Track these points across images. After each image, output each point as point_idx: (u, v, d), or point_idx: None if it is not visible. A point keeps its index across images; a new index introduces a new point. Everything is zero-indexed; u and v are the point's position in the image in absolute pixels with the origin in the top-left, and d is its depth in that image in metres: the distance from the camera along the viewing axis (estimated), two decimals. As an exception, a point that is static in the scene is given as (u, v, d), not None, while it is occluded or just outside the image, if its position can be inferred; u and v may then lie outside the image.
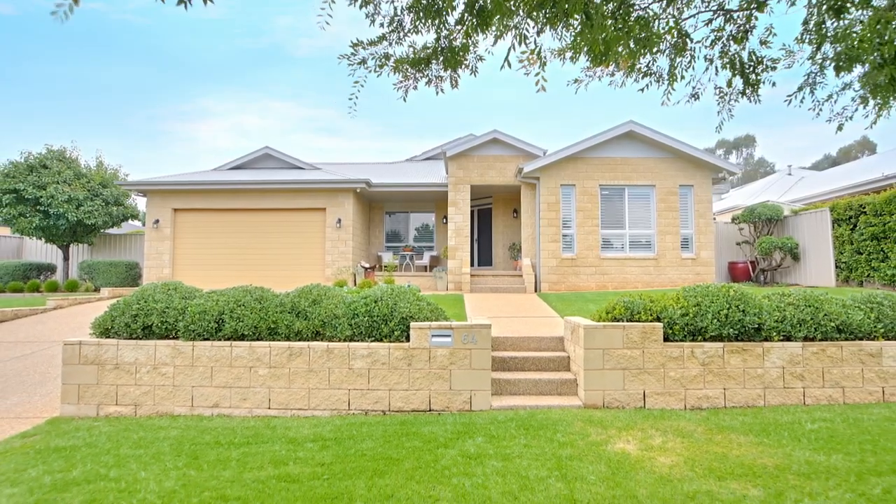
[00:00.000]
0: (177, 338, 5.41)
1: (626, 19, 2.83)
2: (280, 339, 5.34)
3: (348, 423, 4.78)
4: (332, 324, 5.34)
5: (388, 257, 15.84)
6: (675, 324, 5.23)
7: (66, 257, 16.42)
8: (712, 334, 5.19)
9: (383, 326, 5.26)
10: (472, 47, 3.17)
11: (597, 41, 2.79)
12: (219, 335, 5.31)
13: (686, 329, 5.22)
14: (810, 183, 19.80)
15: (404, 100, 3.45)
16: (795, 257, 12.99)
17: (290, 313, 5.41)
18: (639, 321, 5.31)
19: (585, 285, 12.69)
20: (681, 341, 5.24)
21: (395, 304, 5.38)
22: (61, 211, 14.62)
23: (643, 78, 3.73)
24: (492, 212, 16.48)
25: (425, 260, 16.25)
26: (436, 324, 5.23)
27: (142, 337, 5.42)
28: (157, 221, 14.63)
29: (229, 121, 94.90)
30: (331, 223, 14.48)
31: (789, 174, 23.39)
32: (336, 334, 5.31)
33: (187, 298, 5.65)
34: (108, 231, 18.27)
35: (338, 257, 14.37)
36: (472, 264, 16.47)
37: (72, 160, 15.98)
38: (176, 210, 14.83)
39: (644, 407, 5.12)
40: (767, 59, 3.49)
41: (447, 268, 13.89)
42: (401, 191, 15.40)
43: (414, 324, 5.22)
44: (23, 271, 15.32)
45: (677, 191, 12.98)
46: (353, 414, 5.12)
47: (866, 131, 49.39)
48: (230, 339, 5.32)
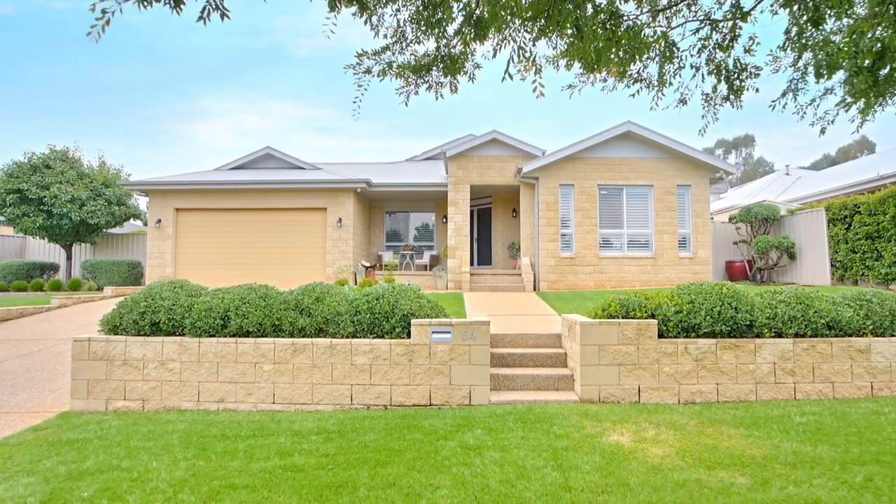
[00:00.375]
0: (183, 334, 5.54)
1: (615, 30, 2.98)
2: (284, 336, 5.47)
3: (351, 416, 4.92)
4: (335, 321, 5.47)
5: (389, 256, 15.98)
6: (669, 321, 5.37)
7: (69, 257, 16.55)
8: (705, 331, 5.33)
9: (385, 323, 5.39)
10: (471, 55, 3.35)
11: (588, 51, 2.95)
12: (224, 332, 5.45)
13: (680, 326, 5.36)
14: (807, 183, 19.94)
15: (406, 104, 3.62)
16: (792, 256, 13.12)
17: (293, 310, 5.55)
18: (634, 318, 5.44)
19: (584, 284, 12.83)
20: (675, 338, 5.37)
21: (397, 301, 5.51)
22: (64, 211, 14.75)
23: (634, 84, 3.90)
24: (491, 211, 16.62)
25: (425, 259, 16.38)
26: (436, 321, 5.37)
27: (149, 333, 5.55)
28: (160, 221, 14.77)
29: (229, 121, 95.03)
30: (332, 223, 14.62)
31: (787, 174, 23.53)
32: (339, 331, 5.45)
33: (193, 296, 5.78)
34: (111, 231, 18.41)
35: (338, 256, 14.51)
36: (471, 263, 16.61)
37: (75, 160, 16.11)
38: (178, 210, 14.97)
39: (639, 401, 5.26)
40: (751, 66, 3.67)
41: (447, 267, 14.03)
42: (401, 190, 15.55)
43: (415, 321, 5.36)
44: (26, 270, 15.45)
45: (675, 190, 13.11)
46: (356, 408, 5.26)
47: (864, 132, 49.50)
48: (235, 335, 5.45)
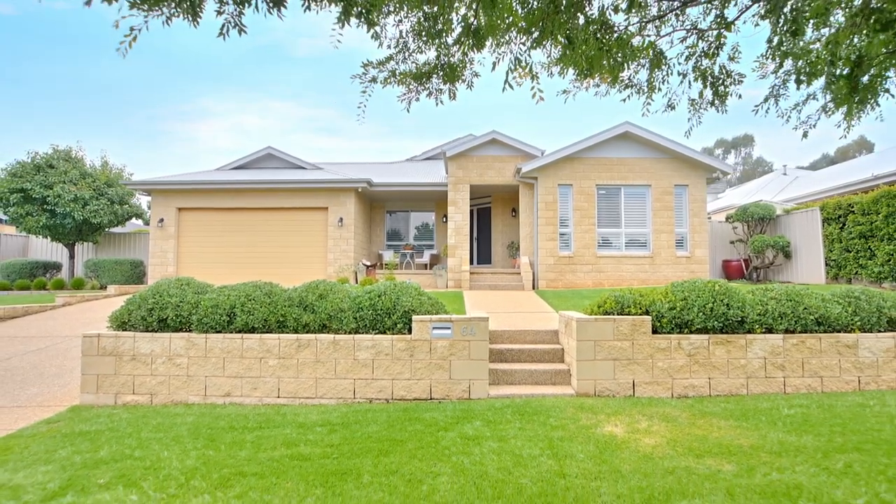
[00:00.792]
0: (190, 330, 5.69)
1: (606, 40, 3.14)
2: (288, 332, 5.62)
3: (354, 410, 5.07)
4: (338, 317, 5.62)
5: (389, 255, 16.13)
6: (663, 317, 5.52)
7: (72, 256, 16.69)
8: (698, 327, 5.49)
9: (386, 319, 5.55)
10: (469, 64, 3.53)
11: (580, 59, 3.11)
12: (230, 328, 5.60)
13: (673, 322, 5.52)
14: (805, 182, 20.11)
15: (408, 111, 3.78)
16: (787, 255, 13.29)
17: (297, 307, 5.70)
18: (629, 315, 5.60)
19: (582, 283, 12.98)
20: (668, 333, 5.53)
21: (398, 298, 5.66)
22: (68, 210, 14.89)
23: (625, 89, 4.09)
24: (491, 211, 16.77)
25: (425, 258, 16.53)
26: (436, 317, 5.52)
27: (157, 330, 5.70)
28: (162, 220, 14.91)
29: (229, 121, 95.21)
30: (333, 222, 14.77)
31: (784, 174, 23.69)
32: (342, 327, 5.60)
33: (200, 293, 5.93)
34: (113, 230, 18.56)
35: (339, 255, 14.66)
36: (471, 262, 16.76)
37: (77, 160, 16.25)
38: (180, 209, 15.11)
39: (633, 395, 5.41)
40: (735, 73, 3.86)
41: (447, 266, 14.18)
42: (401, 190, 15.70)
43: (416, 317, 5.51)
44: (29, 269, 15.59)
45: (672, 190, 13.26)
46: (359, 402, 5.41)
47: (863, 132, 49.64)
48: (241, 331, 5.60)
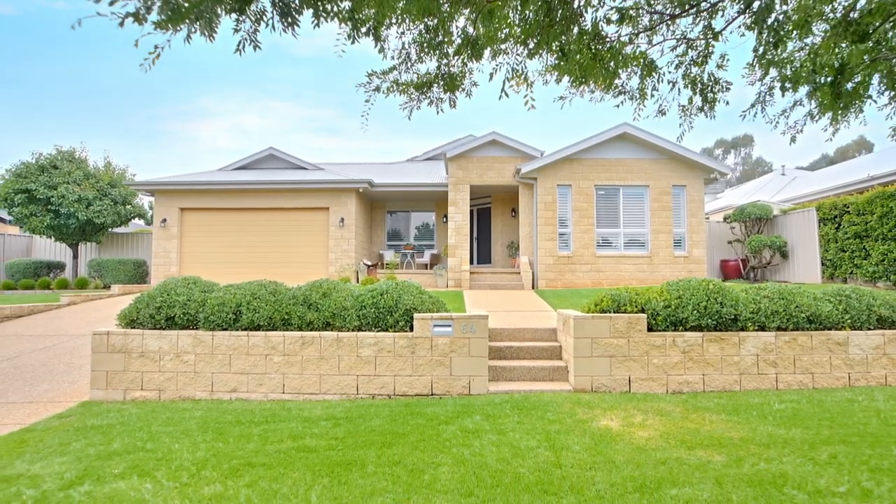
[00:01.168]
0: (197, 328, 5.84)
1: (598, 50, 3.29)
2: (293, 330, 5.76)
3: (357, 405, 5.21)
4: (342, 315, 5.76)
5: (390, 255, 16.27)
6: (658, 315, 5.67)
7: (76, 255, 16.84)
8: (692, 324, 5.63)
9: (388, 317, 5.69)
10: (468, 74, 3.68)
11: (574, 68, 3.26)
12: (236, 325, 5.74)
13: (668, 320, 5.65)
14: (802, 183, 20.24)
15: (409, 118, 3.93)
16: (784, 255, 13.43)
17: (302, 305, 5.84)
18: (625, 312, 5.74)
19: (581, 282, 13.12)
20: (663, 331, 5.67)
21: (400, 296, 5.80)
22: (72, 210, 15.04)
23: (619, 96, 4.25)
24: (491, 211, 16.92)
25: (426, 258, 16.68)
26: (437, 315, 5.66)
27: (165, 327, 5.84)
28: (165, 220, 15.06)
29: (229, 121, 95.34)
30: (334, 222, 14.91)
31: (783, 174, 23.82)
32: (345, 324, 5.74)
33: (206, 292, 6.07)
34: (116, 230, 18.70)
35: (341, 255, 14.80)
36: (471, 262, 16.91)
37: (81, 160, 16.39)
38: (183, 209, 15.26)
39: (629, 391, 5.55)
40: (723, 80, 4.03)
41: (447, 265, 14.33)
42: (402, 190, 15.84)
43: (417, 315, 5.65)
44: (33, 269, 15.74)
45: (670, 191, 13.40)
46: (361, 398, 5.56)
47: (862, 132, 49.81)
48: (247, 329, 5.74)
